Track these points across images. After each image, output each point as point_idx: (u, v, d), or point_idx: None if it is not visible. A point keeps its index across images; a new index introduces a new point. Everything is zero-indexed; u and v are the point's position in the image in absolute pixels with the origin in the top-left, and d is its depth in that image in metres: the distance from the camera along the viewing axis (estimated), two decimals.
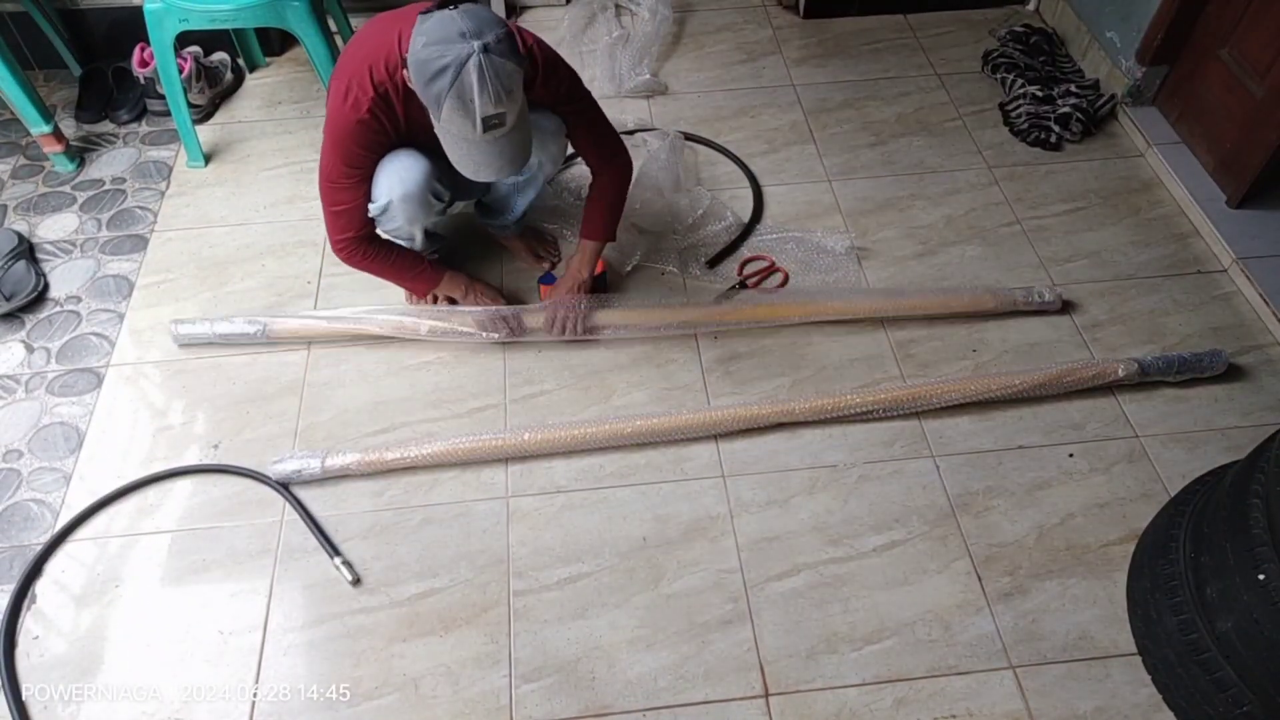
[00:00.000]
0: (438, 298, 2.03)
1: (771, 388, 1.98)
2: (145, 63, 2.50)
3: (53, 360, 2.05)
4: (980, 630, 1.62)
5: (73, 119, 2.62)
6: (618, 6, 2.98)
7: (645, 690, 1.56)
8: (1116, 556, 1.71)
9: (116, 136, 2.59)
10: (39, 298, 2.15)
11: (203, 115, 2.62)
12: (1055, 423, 1.91)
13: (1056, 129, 2.50)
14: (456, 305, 2.02)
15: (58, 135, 2.41)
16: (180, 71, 2.33)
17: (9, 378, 2.01)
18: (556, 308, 1.98)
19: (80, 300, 2.17)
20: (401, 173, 1.75)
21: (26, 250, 2.23)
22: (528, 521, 1.77)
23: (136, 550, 1.74)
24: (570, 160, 2.41)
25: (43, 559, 1.72)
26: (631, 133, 2.52)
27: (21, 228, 2.31)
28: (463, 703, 1.55)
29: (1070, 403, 1.94)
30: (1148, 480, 1.82)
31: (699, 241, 2.25)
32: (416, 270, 1.92)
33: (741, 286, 2.16)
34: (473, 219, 2.21)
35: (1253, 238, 2.20)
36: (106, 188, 2.44)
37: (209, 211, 2.37)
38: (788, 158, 2.50)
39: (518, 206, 2.08)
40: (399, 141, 1.74)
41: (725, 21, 2.97)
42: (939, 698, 1.54)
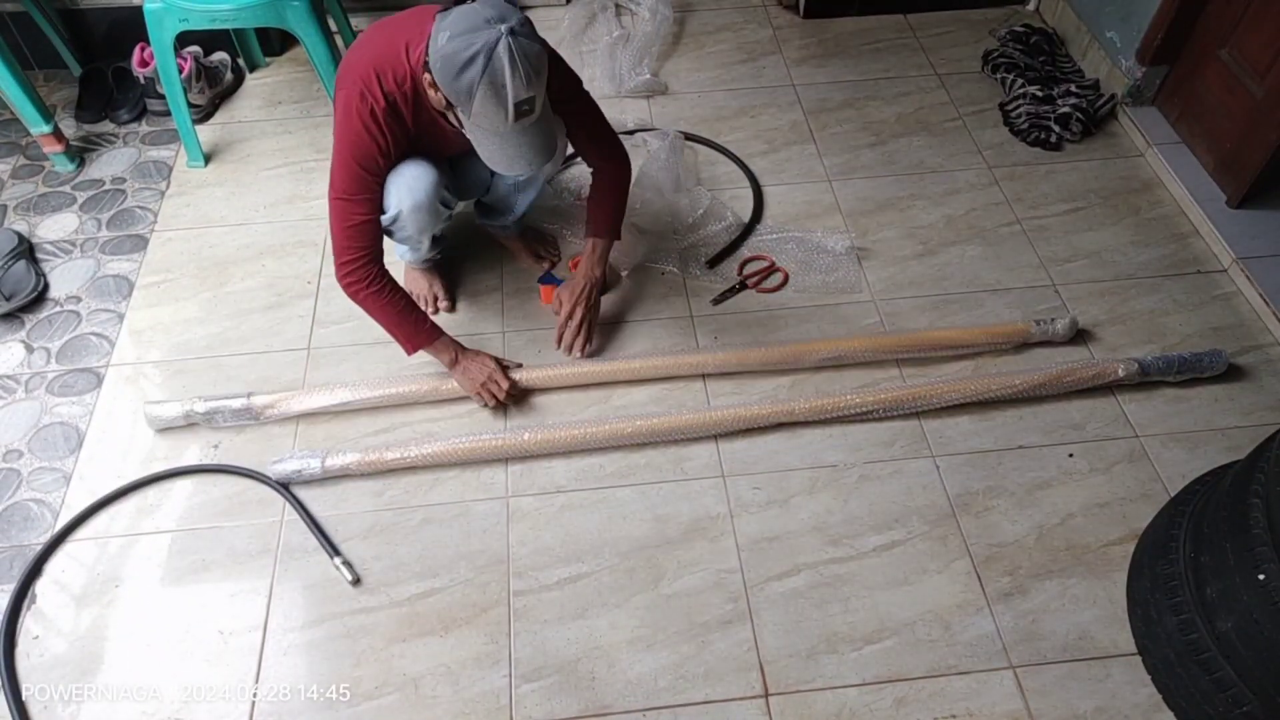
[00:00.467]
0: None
1: (771, 388, 1.98)
2: (145, 63, 2.50)
3: (53, 360, 2.05)
4: (980, 630, 1.62)
5: (73, 119, 2.62)
6: (618, 6, 2.98)
7: (645, 690, 1.56)
8: (1116, 556, 1.71)
9: (116, 136, 2.59)
10: (39, 298, 2.15)
11: (203, 115, 2.62)
12: (1055, 423, 1.91)
13: (1056, 129, 2.50)
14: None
15: (58, 135, 2.41)
16: (180, 71, 2.34)
17: (9, 378, 2.02)
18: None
19: (80, 300, 2.17)
20: (411, 183, 1.75)
21: (26, 250, 2.23)
22: (528, 521, 1.77)
23: (136, 550, 1.74)
24: (570, 160, 2.41)
25: (43, 559, 1.72)
26: (631, 133, 2.52)
27: (21, 228, 2.31)
28: (463, 703, 1.55)
29: (1070, 403, 1.94)
30: (1148, 480, 1.82)
31: (699, 241, 2.25)
32: (415, 325, 1.83)
33: (741, 287, 2.16)
34: (473, 219, 2.21)
35: (1253, 238, 2.20)
36: (106, 188, 2.44)
37: (209, 211, 2.37)
38: (788, 158, 2.50)
39: (518, 206, 2.08)
40: (408, 149, 1.74)
41: (725, 21, 2.97)
42: (939, 698, 1.54)
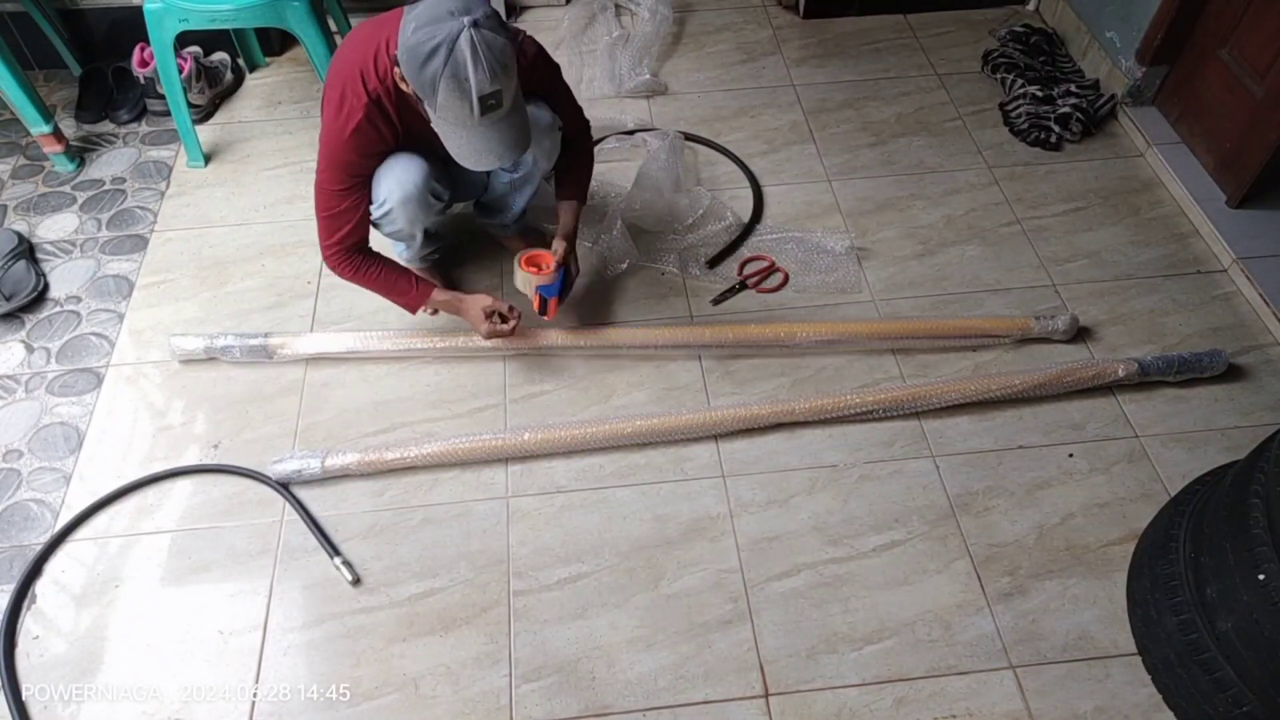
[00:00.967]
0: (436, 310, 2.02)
1: (771, 388, 1.98)
2: (145, 63, 2.50)
3: (53, 360, 2.05)
4: (980, 630, 1.62)
5: (73, 119, 2.62)
6: (618, 6, 2.98)
7: (645, 690, 1.56)
8: (1116, 556, 1.71)
9: (116, 136, 2.59)
10: (39, 298, 2.15)
11: (203, 115, 2.62)
12: (1055, 423, 1.91)
13: (1056, 129, 2.50)
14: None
15: (58, 135, 2.41)
16: (180, 71, 2.33)
17: (9, 378, 2.02)
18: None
19: (80, 300, 2.17)
20: (400, 175, 1.75)
21: (26, 250, 2.23)
22: (528, 521, 1.77)
23: (136, 550, 1.74)
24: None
25: (43, 559, 1.72)
26: (631, 133, 2.52)
27: (21, 228, 2.31)
28: (463, 703, 1.55)
29: (1070, 403, 1.94)
30: (1148, 480, 1.82)
31: (699, 241, 2.25)
32: (406, 286, 1.86)
33: (741, 286, 2.16)
34: (472, 219, 2.21)
35: (1253, 238, 2.20)
36: (106, 188, 2.44)
37: (209, 211, 2.37)
38: (788, 158, 2.50)
39: (516, 205, 2.08)
40: (396, 146, 1.74)
41: (725, 21, 2.97)
42: (939, 698, 1.54)
